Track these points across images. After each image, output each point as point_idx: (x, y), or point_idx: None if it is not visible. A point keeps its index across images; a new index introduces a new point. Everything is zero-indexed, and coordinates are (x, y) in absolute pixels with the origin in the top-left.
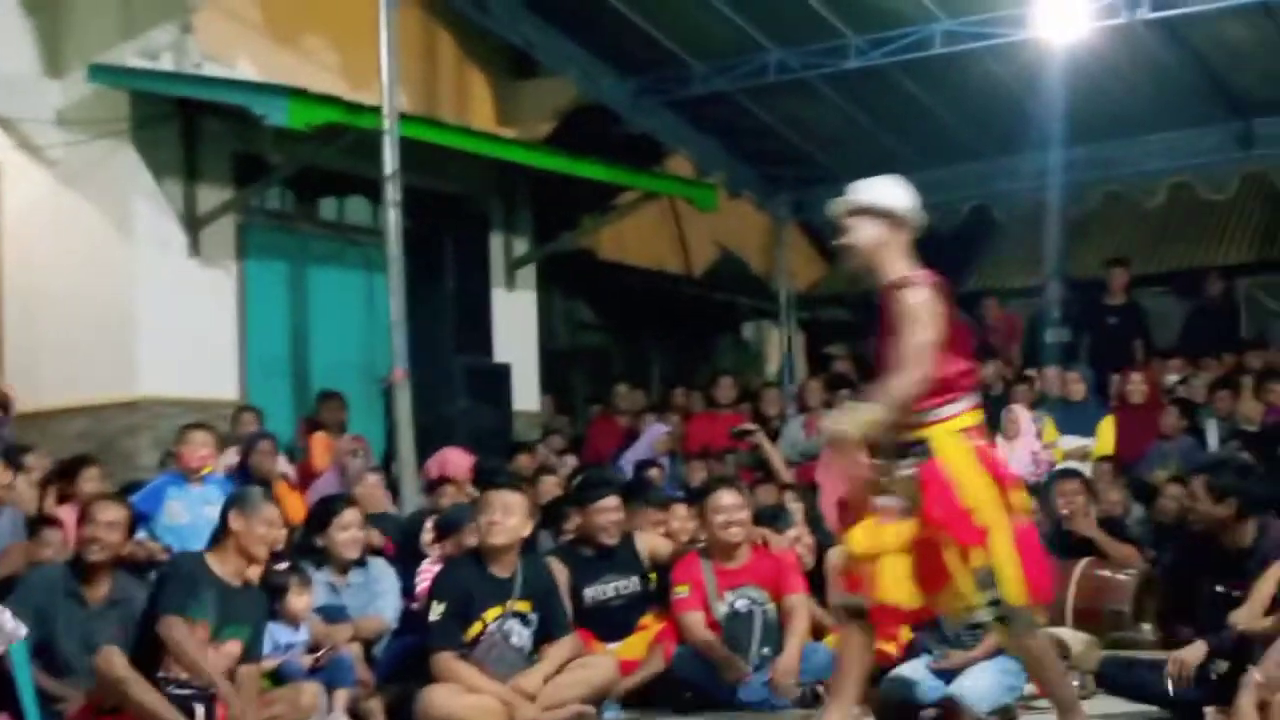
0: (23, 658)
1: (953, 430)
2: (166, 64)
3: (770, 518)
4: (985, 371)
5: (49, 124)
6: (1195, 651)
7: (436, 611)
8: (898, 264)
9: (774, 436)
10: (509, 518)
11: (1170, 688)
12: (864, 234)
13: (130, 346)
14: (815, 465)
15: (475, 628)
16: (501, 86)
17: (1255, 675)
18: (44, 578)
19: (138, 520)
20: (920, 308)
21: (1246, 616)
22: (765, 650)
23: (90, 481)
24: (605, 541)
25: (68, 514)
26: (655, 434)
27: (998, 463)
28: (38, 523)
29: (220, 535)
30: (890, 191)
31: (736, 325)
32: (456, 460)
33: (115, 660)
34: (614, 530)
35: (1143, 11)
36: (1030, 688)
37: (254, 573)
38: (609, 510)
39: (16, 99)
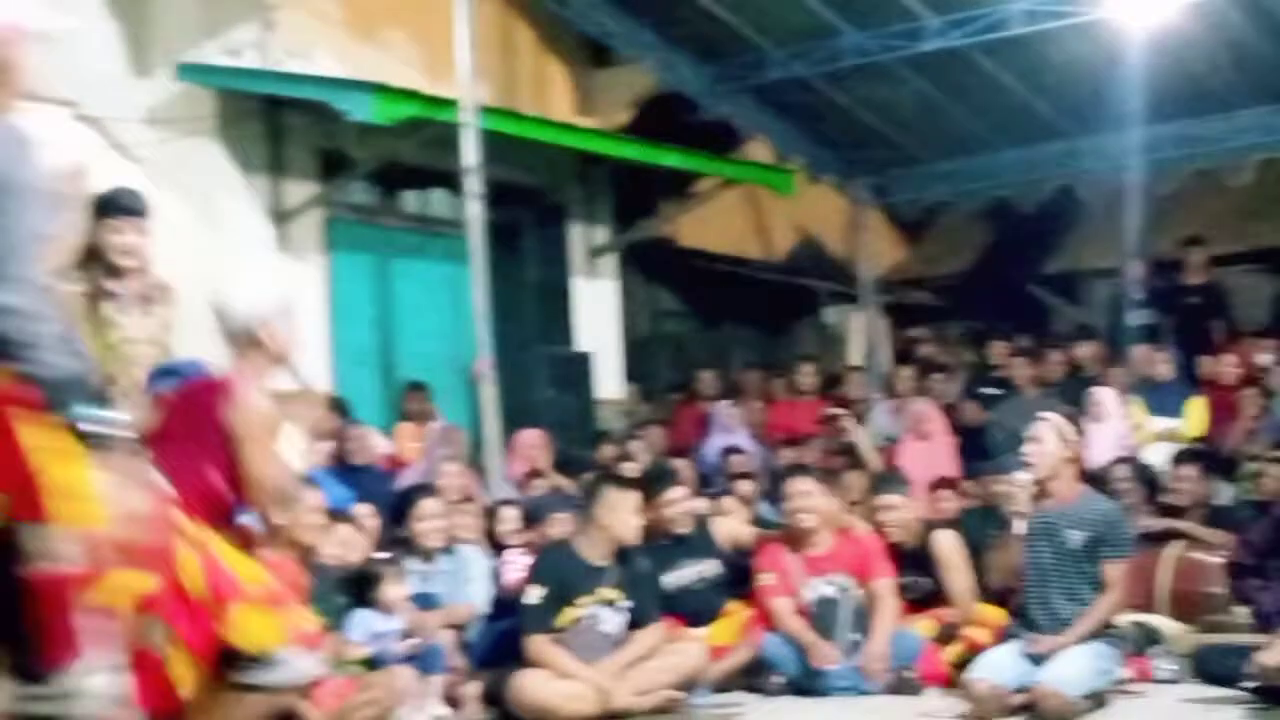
0: None
1: None
2: (249, 61)
3: (885, 481)
4: (1084, 352)
5: (137, 122)
6: (1276, 654)
7: (534, 595)
8: None
9: (859, 421)
10: (630, 517)
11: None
12: None
13: (220, 341)
14: (897, 449)
15: (568, 613)
16: (579, 76)
17: None
18: None
19: None
20: None
21: None
22: (853, 635)
23: None
24: (678, 531)
25: None
26: (721, 415)
27: None
28: None
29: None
30: None
31: (817, 310)
32: (526, 440)
33: None
34: (685, 519)
35: None
36: (1123, 673)
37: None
38: (677, 501)
39: (105, 99)
